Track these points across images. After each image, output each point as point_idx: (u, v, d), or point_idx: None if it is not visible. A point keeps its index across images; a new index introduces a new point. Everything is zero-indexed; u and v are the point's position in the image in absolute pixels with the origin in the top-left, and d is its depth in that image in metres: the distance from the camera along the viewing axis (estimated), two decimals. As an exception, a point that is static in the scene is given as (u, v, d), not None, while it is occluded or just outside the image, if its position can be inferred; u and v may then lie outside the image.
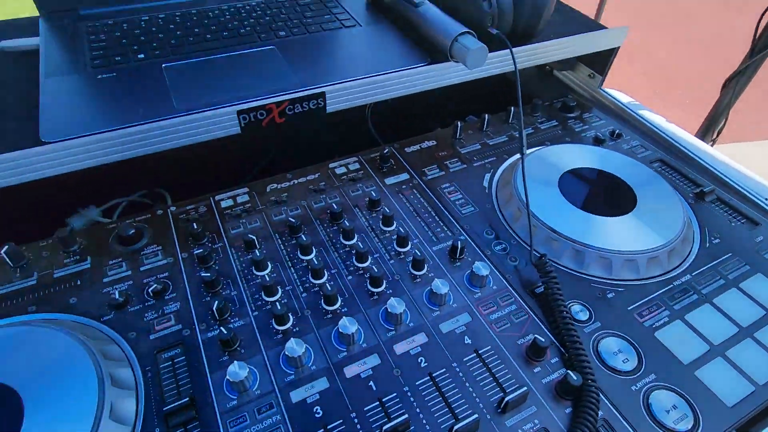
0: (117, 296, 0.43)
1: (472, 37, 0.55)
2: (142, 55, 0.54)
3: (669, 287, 0.48)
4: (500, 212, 0.55)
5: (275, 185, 0.57)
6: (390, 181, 0.59)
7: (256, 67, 0.54)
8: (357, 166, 0.61)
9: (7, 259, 0.45)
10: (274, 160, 0.78)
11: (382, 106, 0.68)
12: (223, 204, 0.55)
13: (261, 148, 0.78)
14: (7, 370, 0.36)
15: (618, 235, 0.50)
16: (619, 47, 0.72)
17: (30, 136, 0.44)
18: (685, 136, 0.72)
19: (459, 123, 0.66)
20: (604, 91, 0.77)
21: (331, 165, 0.60)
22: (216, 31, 0.59)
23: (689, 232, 0.53)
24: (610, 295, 0.47)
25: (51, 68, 0.51)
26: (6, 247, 0.45)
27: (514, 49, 0.58)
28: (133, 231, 0.49)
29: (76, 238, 0.49)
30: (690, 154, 0.66)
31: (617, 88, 0.80)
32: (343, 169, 0.60)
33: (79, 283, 0.45)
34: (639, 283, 0.48)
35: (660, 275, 0.49)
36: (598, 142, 0.67)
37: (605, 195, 0.55)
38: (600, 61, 0.75)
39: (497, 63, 0.62)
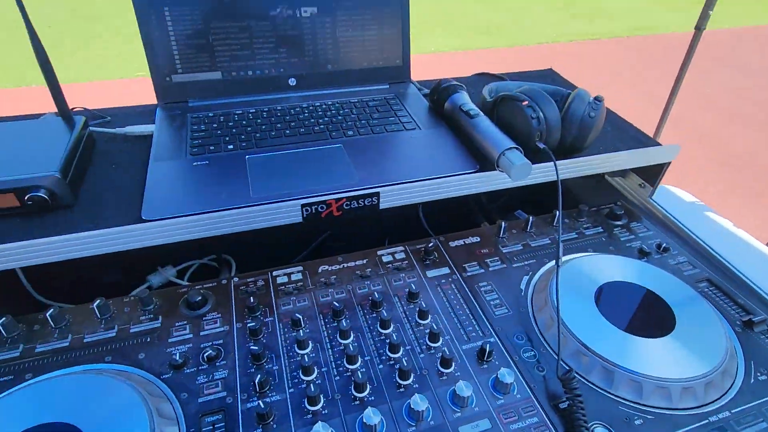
0: (177, 357, 0.49)
1: (519, 152, 0.60)
2: (231, 146, 0.64)
3: (704, 422, 0.47)
4: (534, 318, 0.57)
5: (326, 267, 0.63)
6: (431, 273, 0.63)
7: (323, 164, 0.62)
8: (402, 255, 0.66)
9: (97, 312, 0.53)
10: (331, 239, 0.85)
11: (433, 198, 0.74)
12: (279, 280, 0.61)
13: (321, 227, 0.86)
14: (78, 412, 0.42)
15: (652, 358, 0.50)
16: (670, 162, 0.73)
17: (133, 213, 0.53)
18: (752, 243, 0.69)
19: (503, 223, 0.69)
20: (654, 201, 0.78)
21: (380, 252, 0.66)
22: (295, 127, 0.69)
23: (731, 363, 0.52)
24: (637, 422, 0.46)
25: (159, 153, 0.63)
26: (98, 301, 0.53)
27: (560, 162, 0.62)
28: (200, 298, 0.56)
29: (153, 298, 0.56)
30: (741, 276, 0.64)
31: (686, 178, 0.80)
32: (389, 258, 0.65)
33: (148, 340, 0.52)
34: (670, 413, 0.47)
35: (695, 408, 0.48)
36: (643, 254, 0.67)
37: (643, 313, 0.56)
38: (651, 173, 0.77)
39: (543, 173, 0.66)
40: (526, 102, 0.64)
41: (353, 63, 0.80)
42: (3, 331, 0.51)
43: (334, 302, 0.56)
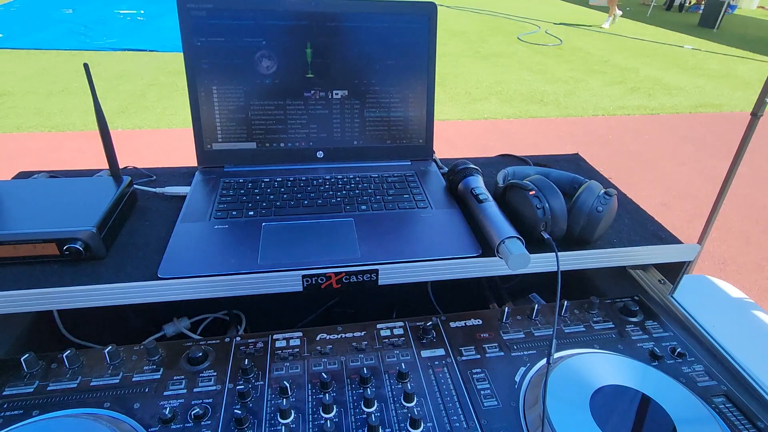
0: (167, 412, 0.52)
1: (519, 242, 0.61)
2: (252, 213, 0.70)
3: None
4: (523, 415, 0.55)
5: (325, 335, 0.65)
6: (425, 353, 0.63)
7: (330, 236, 0.66)
8: (401, 331, 0.66)
9: (107, 358, 0.58)
10: (341, 305, 0.87)
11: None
12: (278, 344, 0.63)
13: (329, 293, 0.89)
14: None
15: (642, 478, 0.47)
16: (690, 261, 0.71)
17: (152, 269, 0.59)
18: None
19: (506, 308, 0.69)
20: (674, 299, 0.74)
21: (379, 326, 0.67)
22: (313, 198, 0.74)
23: (737, 497, 0.47)
24: None
25: (187, 214, 0.69)
26: (109, 347, 0.58)
27: (565, 253, 0.62)
28: (200, 354, 0.59)
29: (159, 349, 0.61)
30: (765, 394, 0.59)
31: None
32: (387, 332, 0.66)
33: (146, 390, 0.56)
34: None
35: None
36: (654, 358, 0.64)
37: (640, 426, 0.52)
38: (672, 270, 0.74)
39: (545, 263, 0.66)
40: (533, 192, 0.65)
41: (378, 140, 0.85)
42: (24, 367, 0.56)
43: (323, 374, 0.58)
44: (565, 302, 0.71)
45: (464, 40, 7.26)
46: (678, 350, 0.64)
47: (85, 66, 0.63)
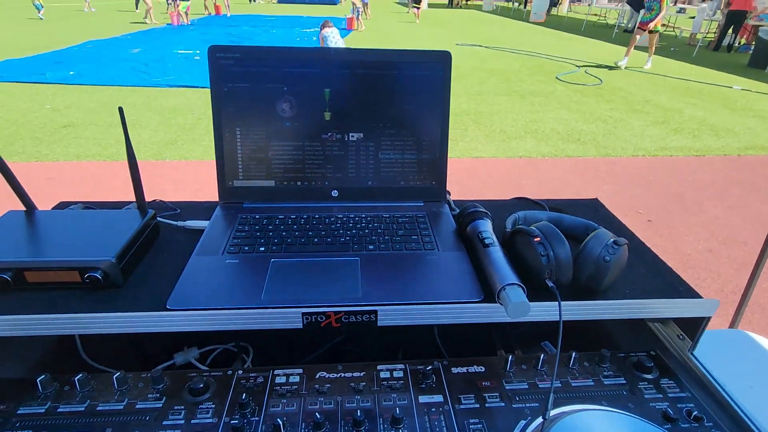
0: (162, 442, 0.53)
1: (520, 290, 0.60)
2: (263, 248, 0.73)
3: None
4: (518, 472, 0.53)
5: (325, 374, 0.66)
6: (423, 399, 0.62)
7: (334, 275, 0.67)
8: (400, 374, 0.66)
9: (115, 384, 0.61)
10: (348, 342, 0.87)
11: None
12: (277, 380, 0.64)
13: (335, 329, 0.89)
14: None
15: None
16: (709, 318, 0.67)
17: (163, 299, 0.62)
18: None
19: (510, 356, 0.67)
20: (694, 356, 0.70)
21: (379, 367, 0.67)
22: (323, 236, 0.76)
23: None
24: None
25: (202, 248, 0.73)
26: (118, 373, 0.61)
27: (570, 303, 0.61)
28: (201, 385, 0.61)
29: (164, 377, 0.63)
30: (792, 471, 0.54)
31: None
32: (387, 374, 0.66)
33: (147, 419, 0.57)
34: None
35: None
36: (667, 420, 0.60)
37: (643, 494, 0.49)
38: (691, 325, 0.70)
39: (548, 311, 0.64)
40: (539, 238, 0.65)
41: (392, 181, 0.87)
42: (39, 388, 0.60)
43: (317, 413, 0.58)
44: (574, 353, 0.68)
45: (502, 79, 7.34)
46: (694, 413, 0.60)
47: (120, 110, 0.69)
